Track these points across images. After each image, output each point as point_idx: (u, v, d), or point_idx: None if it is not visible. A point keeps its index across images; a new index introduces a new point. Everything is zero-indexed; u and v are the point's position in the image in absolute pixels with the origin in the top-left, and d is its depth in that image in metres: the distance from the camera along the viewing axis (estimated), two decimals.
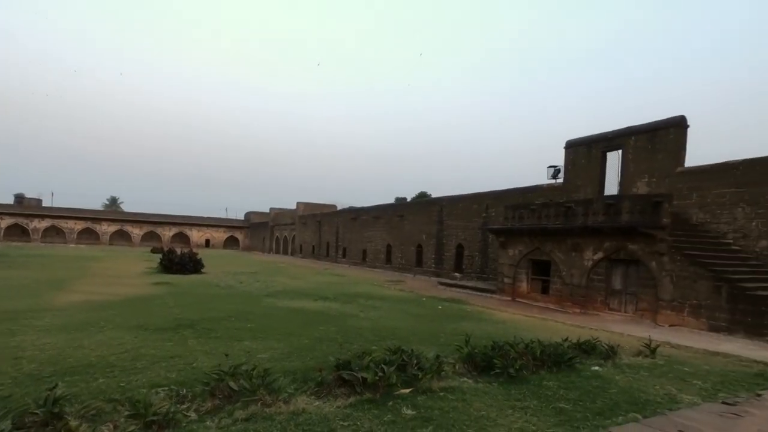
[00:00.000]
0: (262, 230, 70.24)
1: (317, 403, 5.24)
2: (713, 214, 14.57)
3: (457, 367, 7.01)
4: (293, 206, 58.04)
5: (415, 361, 6.30)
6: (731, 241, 13.91)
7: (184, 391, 5.36)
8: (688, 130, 15.99)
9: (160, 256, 28.68)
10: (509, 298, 17.66)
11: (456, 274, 25.69)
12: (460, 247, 26.33)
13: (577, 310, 14.86)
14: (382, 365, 5.95)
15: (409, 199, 54.33)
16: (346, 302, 15.19)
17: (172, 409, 4.51)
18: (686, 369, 7.68)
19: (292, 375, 6.23)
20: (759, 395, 5.78)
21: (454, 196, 27.49)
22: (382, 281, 24.46)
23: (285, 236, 59.64)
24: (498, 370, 6.59)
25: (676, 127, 15.97)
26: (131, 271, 24.66)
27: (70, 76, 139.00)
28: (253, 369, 5.44)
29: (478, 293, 19.34)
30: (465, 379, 6.53)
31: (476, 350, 7.08)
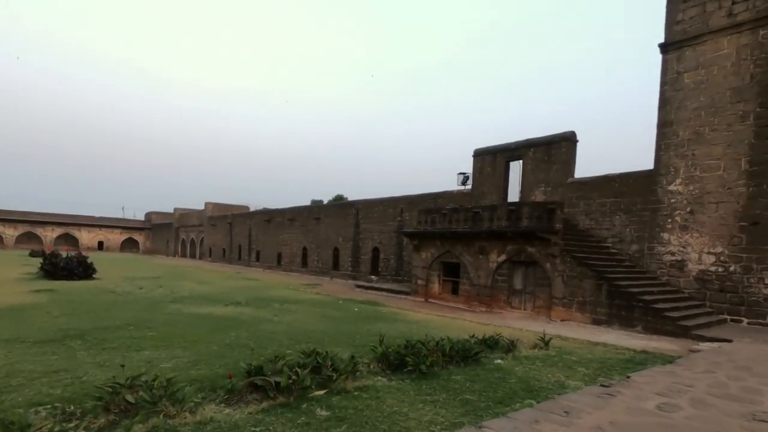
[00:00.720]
0: (165, 232, 65.63)
1: (227, 410, 5.09)
2: (596, 220, 16.32)
3: (371, 366, 7.18)
4: (201, 206, 54.93)
5: (329, 363, 6.35)
6: (610, 245, 15.68)
7: (72, 408, 4.91)
8: (578, 144, 17.77)
9: (40, 259, 25.36)
10: (422, 299, 18.32)
11: (372, 276, 26.07)
12: (376, 250, 26.77)
13: (484, 309, 15.82)
14: (296, 368, 5.93)
15: (325, 202, 54.10)
16: (260, 307, 14.79)
17: (56, 429, 4.11)
18: (573, 358, 8.54)
19: (199, 383, 5.98)
20: (629, 377, 6.61)
21: (370, 199, 27.90)
22: (298, 285, 24.11)
23: (192, 238, 56.35)
24: (410, 368, 6.86)
25: (568, 141, 17.66)
26: (3, 277, 21.81)
27: None
28: (155, 379, 5.12)
29: (394, 295, 19.81)
30: (379, 377, 6.71)
31: (390, 350, 7.30)
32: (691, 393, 5.91)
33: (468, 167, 21.54)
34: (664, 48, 14.32)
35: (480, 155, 20.94)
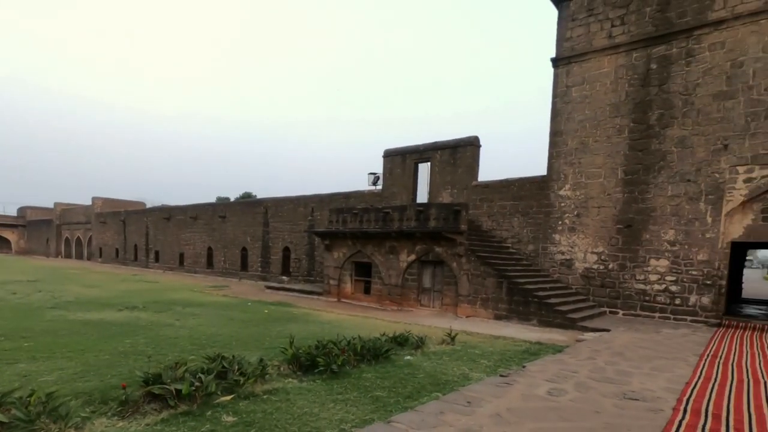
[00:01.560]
0: (44, 229, 58.44)
1: (121, 424, 4.71)
2: (498, 222, 17.49)
3: (282, 369, 7.05)
4: (87, 201, 49.64)
5: (236, 367, 6.15)
6: (510, 245, 16.90)
7: None
8: (481, 149, 18.89)
9: None
10: (335, 299, 18.31)
11: (283, 277, 25.50)
12: (287, 250, 26.23)
13: (395, 308, 16.23)
14: (200, 374, 5.66)
15: (232, 200, 51.76)
16: (160, 311, 13.81)
17: None
18: (477, 352, 9.10)
19: (87, 396, 5.46)
20: (524, 367, 7.21)
21: (280, 197, 27.26)
22: (203, 286, 22.86)
23: (78, 237, 50.86)
24: (322, 368, 6.84)
25: (472, 146, 18.70)
26: None
27: None
28: (31, 395, 4.58)
29: (306, 295, 19.57)
30: (290, 379, 6.61)
31: (301, 351, 7.22)
32: (575, 378, 6.59)
33: (379, 167, 21.94)
34: (555, 62, 15.71)
35: (390, 156, 21.42)
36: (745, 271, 26.05)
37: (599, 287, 14.59)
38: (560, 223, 15.49)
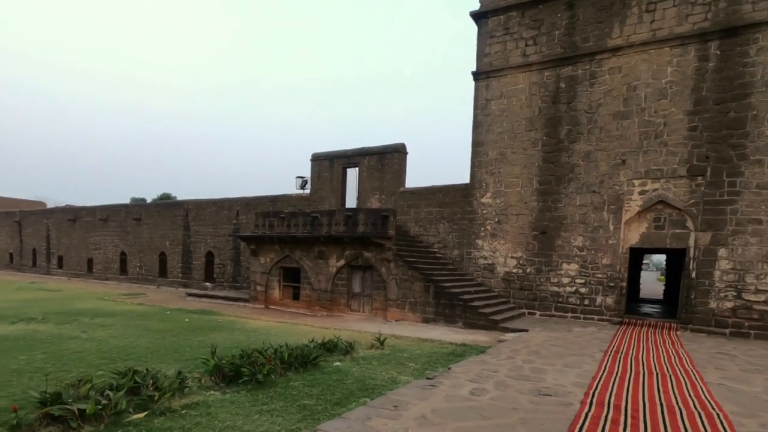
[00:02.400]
0: None
1: None
2: (425, 227, 17.96)
3: (203, 381, 6.72)
4: None
5: (151, 381, 5.77)
6: (436, 250, 17.41)
7: None
8: (408, 156, 19.29)
9: None
10: (262, 306, 17.76)
11: (207, 283, 24.29)
12: (210, 255, 25.03)
13: (325, 313, 16.07)
14: (108, 391, 5.25)
15: (149, 201, 48.49)
16: (62, 322, 12.59)
17: None
18: (405, 355, 9.25)
19: None
20: (449, 368, 7.45)
21: (202, 200, 25.98)
22: (116, 294, 21.17)
23: None
24: (246, 378, 6.61)
25: (399, 152, 19.07)
26: None
27: None
28: None
29: (231, 302, 18.80)
30: (212, 392, 6.31)
31: (224, 361, 6.93)
32: (495, 377, 6.92)
33: (307, 171, 21.66)
34: (475, 76, 16.45)
35: (318, 160, 21.24)
36: (642, 273, 28.86)
37: (518, 290, 15.44)
38: (483, 229, 16.22)
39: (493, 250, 15.97)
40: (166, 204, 30.26)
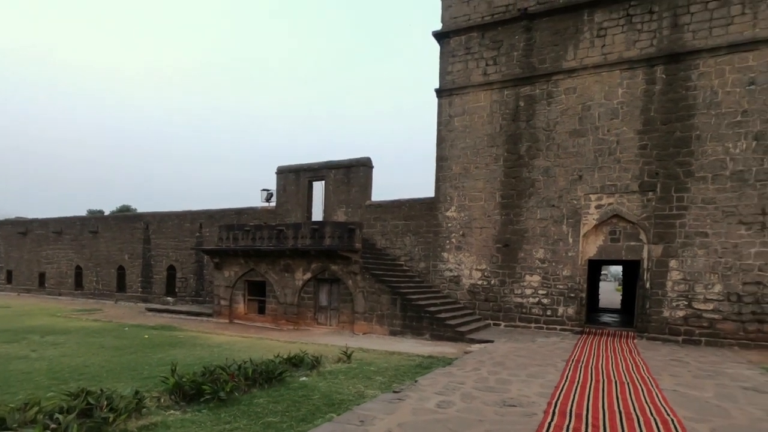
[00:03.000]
0: None
1: None
2: (391, 240, 17.97)
3: (162, 400, 6.41)
4: None
5: (105, 402, 5.45)
6: (403, 262, 17.43)
7: None
8: (374, 170, 19.34)
9: None
10: (226, 321, 17.23)
11: (168, 298, 23.38)
12: (171, 269, 24.15)
13: (291, 327, 15.73)
14: (58, 415, 4.91)
15: (107, 213, 46.49)
16: (9, 341, 11.79)
17: None
18: (372, 368, 9.13)
19: None
20: (416, 381, 7.40)
21: (164, 212, 25.11)
22: (70, 311, 20.04)
23: None
24: (208, 396, 6.34)
25: (365, 166, 19.09)
26: None
27: None
28: None
29: (193, 317, 18.14)
30: (172, 411, 6.02)
31: (185, 379, 6.63)
32: (462, 389, 6.91)
33: (272, 184, 21.34)
34: (439, 93, 16.73)
35: (283, 173, 20.98)
36: (601, 284, 29.76)
37: (484, 301, 15.61)
38: (448, 242, 16.37)
39: (458, 262, 16.13)
40: (125, 216, 29.12)
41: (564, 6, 14.41)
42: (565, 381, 7.62)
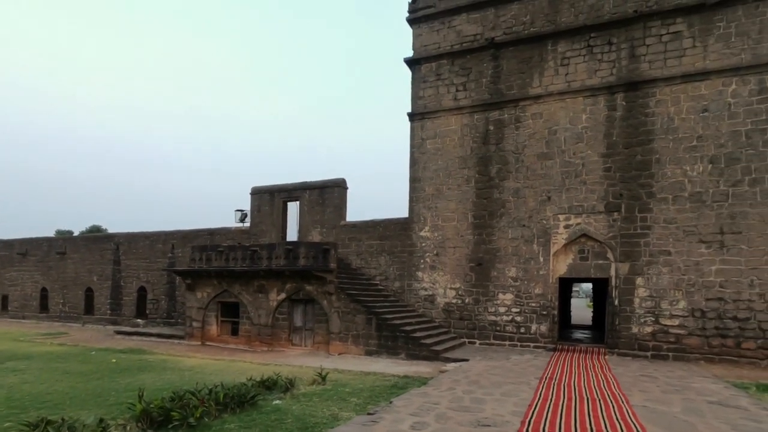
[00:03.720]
0: None
1: None
2: (366, 260, 17.84)
3: (128, 428, 6.07)
4: None
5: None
6: (378, 282, 17.29)
7: None
8: (348, 191, 19.25)
9: None
10: (199, 343, 16.64)
11: (138, 320, 22.47)
12: (142, 290, 23.30)
13: (265, 348, 15.30)
14: None
15: (77, 234, 44.73)
16: None
17: None
18: (347, 390, 8.92)
19: None
20: (391, 402, 7.24)
21: (135, 233, 24.33)
22: (34, 335, 19.00)
23: None
24: (177, 423, 6.05)
25: (339, 187, 19.02)
26: None
27: None
28: None
29: (165, 340, 17.46)
30: None
31: (153, 404, 6.32)
32: (436, 410, 6.80)
33: (246, 204, 21.00)
34: (411, 117, 16.94)
35: (258, 194, 20.71)
36: (573, 300, 30.15)
37: (458, 320, 15.58)
38: (422, 261, 16.37)
39: (433, 281, 16.11)
40: (95, 237, 28.12)
41: (529, 36, 14.91)
42: (539, 399, 7.60)
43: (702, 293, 12.48)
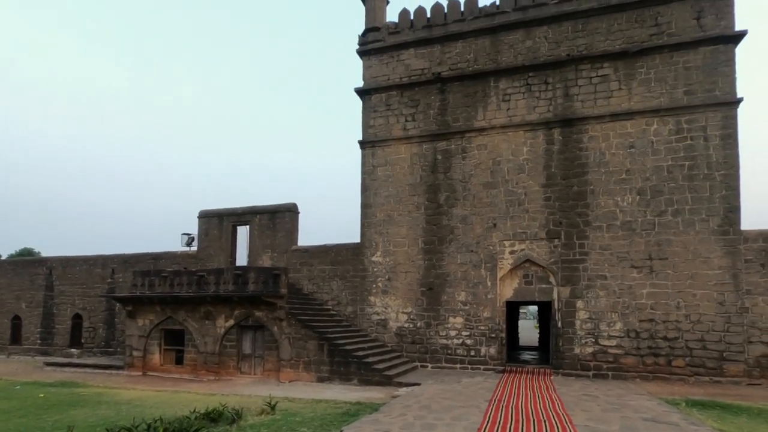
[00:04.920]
0: None
1: None
2: (318, 285, 17.46)
3: None
4: None
5: None
6: (330, 307, 16.92)
7: None
8: (299, 215, 18.91)
9: None
10: (140, 373, 15.43)
11: (72, 350, 20.58)
12: (78, 318, 21.44)
13: (212, 377, 14.44)
14: None
15: (5, 257, 40.79)
16: None
17: None
18: (297, 419, 8.51)
19: None
20: (342, 431, 6.97)
21: (71, 256, 22.52)
22: None
23: None
24: None
25: (290, 211, 18.63)
26: None
27: None
28: None
29: (101, 371, 16.07)
30: None
31: None
32: None
33: (194, 228, 20.10)
34: (362, 144, 17.02)
35: (206, 217, 19.93)
36: (521, 322, 30.76)
37: (411, 344, 15.47)
38: (374, 286, 16.24)
39: (385, 306, 15.99)
40: (24, 261, 25.79)
41: (473, 73, 15.57)
42: (488, 422, 7.60)
43: (636, 315, 13.18)
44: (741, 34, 13.11)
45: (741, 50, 14.93)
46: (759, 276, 12.57)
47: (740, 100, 13.00)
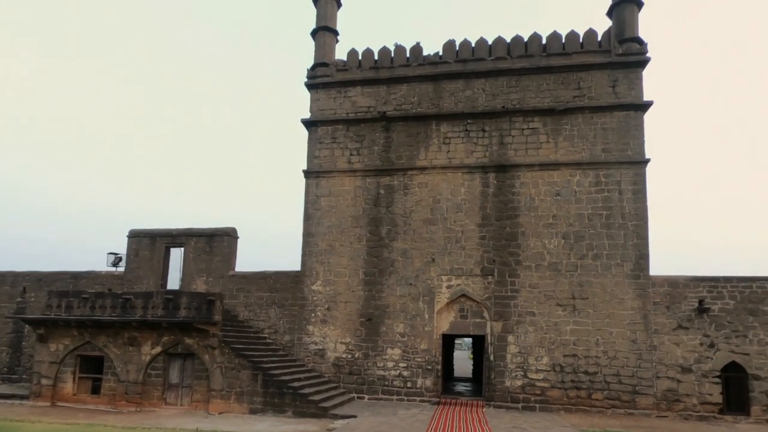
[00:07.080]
0: None
1: None
2: (255, 312, 16.84)
3: None
4: None
5: None
6: (267, 335, 16.34)
7: None
8: (239, 240, 18.37)
9: None
10: (48, 404, 13.79)
11: None
12: None
13: (133, 409, 13.26)
14: None
15: None
16: None
17: None
18: None
19: None
20: None
21: None
22: None
23: None
24: None
25: (229, 236, 17.95)
26: None
27: None
28: None
29: (3, 401, 14.18)
30: None
31: None
32: None
33: (122, 248, 18.74)
34: (306, 174, 17.01)
35: (137, 237, 18.66)
36: (456, 352, 31.23)
37: (348, 374, 15.26)
38: (313, 315, 15.99)
39: (323, 335, 15.75)
40: None
41: (416, 115, 16.36)
42: None
43: (560, 350, 14.09)
44: (648, 104, 15.05)
45: (650, 116, 17.06)
46: (665, 317, 14.03)
47: (648, 160, 14.78)
